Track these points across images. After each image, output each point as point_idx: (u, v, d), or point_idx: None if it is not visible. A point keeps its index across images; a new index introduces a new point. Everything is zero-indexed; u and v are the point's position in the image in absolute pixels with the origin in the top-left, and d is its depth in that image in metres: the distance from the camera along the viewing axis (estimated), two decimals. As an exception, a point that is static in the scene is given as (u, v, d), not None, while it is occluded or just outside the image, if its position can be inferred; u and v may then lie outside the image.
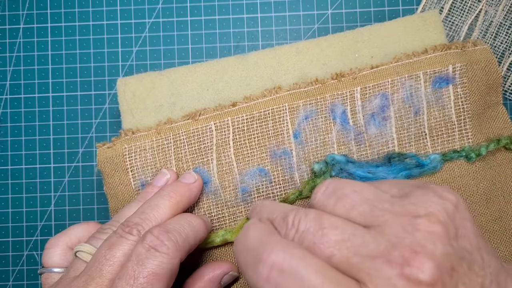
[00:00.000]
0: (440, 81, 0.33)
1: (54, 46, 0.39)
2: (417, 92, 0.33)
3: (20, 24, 0.39)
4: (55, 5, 0.39)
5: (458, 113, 0.34)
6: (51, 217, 0.38)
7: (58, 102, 0.39)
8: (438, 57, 0.34)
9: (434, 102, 0.34)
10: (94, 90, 0.39)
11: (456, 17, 0.37)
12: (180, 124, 0.34)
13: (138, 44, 0.39)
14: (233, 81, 0.35)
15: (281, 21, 0.39)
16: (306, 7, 0.39)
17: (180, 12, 0.39)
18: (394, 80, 0.33)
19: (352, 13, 0.39)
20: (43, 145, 0.39)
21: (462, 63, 0.33)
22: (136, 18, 0.39)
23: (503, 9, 0.37)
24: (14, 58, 0.39)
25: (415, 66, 0.34)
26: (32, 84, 0.39)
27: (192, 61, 0.39)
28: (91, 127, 0.39)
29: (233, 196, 0.34)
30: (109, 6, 0.39)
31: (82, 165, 0.39)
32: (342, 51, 0.35)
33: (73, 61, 0.39)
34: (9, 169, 0.39)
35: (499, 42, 0.37)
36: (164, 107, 0.35)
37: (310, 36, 0.39)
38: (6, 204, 0.39)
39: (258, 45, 0.39)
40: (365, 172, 0.33)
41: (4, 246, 0.39)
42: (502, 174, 0.34)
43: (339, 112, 0.34)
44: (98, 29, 0.39)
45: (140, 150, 0.34)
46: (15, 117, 0.39)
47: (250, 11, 0.39)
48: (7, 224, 0.39)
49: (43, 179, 0.39)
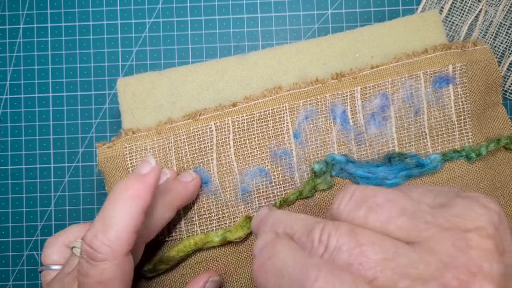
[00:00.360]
0: (440, 81, 0.33)
1: (54, 46, 0.39)
2: (417, 92, 0.34)
3: (20, 24, 0.39)
4: (55, 5, 0.39)
5: (458, 113, 0.34)
6: (51, 217, 0.38)
7: (58, 102, 0.39)
8: (438, 57, 0.34)
9: (434, 102, 0.34)
10: (94, 90, 0.39)
11: (456, 17, 0.38)
12: (180, 124, 0.34)
13: (138, 44, 0.39)
14: (233, 81, 0.35)
15: (281, 21, 0.39)
16: (306, 7, 0.39)
17: (180, 12, 0.39)
18: (394, 80, 0.33)
19: (352, 13, 0.39)
20: (43, 145, 0.39)
21: (462, 63, 0.33)
22: (136, 18, 0.39)
23: (503, 9, 0.37)
24: (14, 58, 0.39)
25: (415, 66, 0.34)
26: (32, 84, 0.39)
27: (192, 61, 0.39)
28: (91, 127, 0.39)
29: (233, 196, 0.34)
30: (109, 6, 0.39)
31: (82, 165, 0.39)
32: (342, 51, 0.35)
33: (73, 61, 0.39)
34: (9, 169, 0.39)
35: (499, 42, 0.37)
36: (164, 107, 0.35)
37: (310, 36, 0.39)
38: (6, 204, 0.39)
39: (258, 45, 0.39)
40: (365, 172, 0.33)
41: (4, 246, 0.39)
42: (502, 174, 0.34)
43: (339, 112, 0.34)
44: (98, 29, 0.39)
45: (141, 149, 0.34)
46: (15, 117, 0.39)
47: (250, 11, 0.39)
48: (7, 224, 0.39)
49: (43, 179, 0.39)
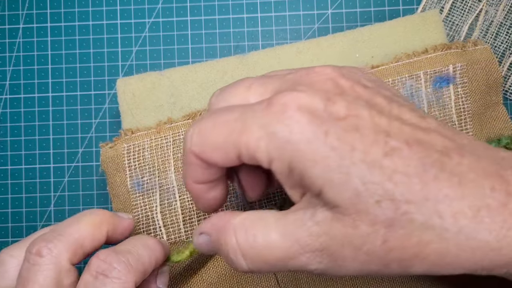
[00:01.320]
0: (441, 81, 0.33)
1: (54, 46, 0.39)
2: (417, 92, 0.33)
3: (20, 24, 0.39)
4: (55, 5, 0.39)
5: (458, 113, 0.34)
6: (51, 217, 0.38)
7: (58, 102, 0.39)
8: (439, 57, 0.34)
9: (435, 102, 0.33)
10: (94, 90, 0.39)
11: (457, 17, 0.37)
12: (180, 124, 0.34)
13: (138, 44, 0.39)
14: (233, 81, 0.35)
15: (281, 21, 0.39)
16: (306, 7, 0.39)
17: (180, 12, 0.39)
18: (394, 80, 0.33)
19: (352, 13, 0.39)
20: (42, 145, 0.39)
21: (462, 62, 0.33)
22: (136, 18, 0.39)
23: (503, 9, 0.37)
24: (13, 58, 0.39)
25: (416, 66, 0.33)
26: (31, 84, 0.39)
27: (192, 61, 0.39)
28: (91, 127, 0.39)
29: (233, 195, 0.33)
30: (109, 6, 0.39)
31: (82, 165, 0.38)
32: (343, 51, 0.35)
33: (73, 61, 0.39)
34: (8, 169, 0.39)
35: (500, 42, 0.37)
36: (164, 107, 0.35)
37: (310, 36, 0.39)
38: (6, 204, 0.39)
39: (258, 45, 0.39)
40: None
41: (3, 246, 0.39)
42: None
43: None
44: (98, 29, 0.39)
45: (139, 149, 0.34)
46: (15, 117, 0.39)
47: (250, 10, 0.39)
48: (6, 224, 0.39)
49: (42, 179, 0.39)
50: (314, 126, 0.20)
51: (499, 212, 0.19)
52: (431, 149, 0.20)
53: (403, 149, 0.20)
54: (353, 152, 0.19)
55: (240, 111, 0.22)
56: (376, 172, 0.19)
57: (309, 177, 0.20)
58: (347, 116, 0.20)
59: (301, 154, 0.20)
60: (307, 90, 0.21)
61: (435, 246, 0.19)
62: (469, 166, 0.20)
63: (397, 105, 0.22)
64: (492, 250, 0.19)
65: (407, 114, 0.21)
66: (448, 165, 0.20)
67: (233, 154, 0.22)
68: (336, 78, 0.22)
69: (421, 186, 0.19)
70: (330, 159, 0.19)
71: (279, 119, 0.20)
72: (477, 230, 0.19)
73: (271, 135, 0.20)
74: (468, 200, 0.19)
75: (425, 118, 0.22)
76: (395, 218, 0.19)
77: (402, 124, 0.21)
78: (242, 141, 0.21)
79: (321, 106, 0.20)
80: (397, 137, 0.20)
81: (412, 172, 0.19)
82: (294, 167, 0.20)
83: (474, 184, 0.20)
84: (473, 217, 0.19)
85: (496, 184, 0.20)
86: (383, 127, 0.20)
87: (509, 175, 0.20)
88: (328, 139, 0.20)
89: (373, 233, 0.19)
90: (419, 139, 0.20)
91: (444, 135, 0.21)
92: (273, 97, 0.21)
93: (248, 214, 0.23)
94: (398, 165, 0.19)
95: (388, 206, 0.19)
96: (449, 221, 0.19)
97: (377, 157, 0.19)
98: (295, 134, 0.20)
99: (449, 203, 0.19)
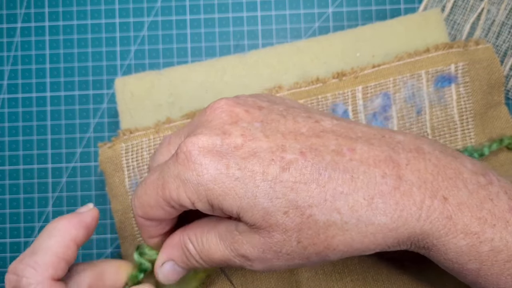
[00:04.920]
0: (442, 80, 0.33)
1: (52, 45, 0.39)
2: (419, 92, 0.33)
3: (18, 23, 0.39)
4: (53, 4, 0.39)
5: (460, 112, 0.33)
6: (49, 218, 0.38)
7: (56, 101, 0.39)
8: (440, 56, 0.33)
9: (436, 101, 0.33)
10: (92, 89, 0.39)
11: (458, 15, 0.37)
12: (179, 124, 0.34)
13: (137, 43, 0.39)
14: (233, 81, 0.35)
15: (281, 20, 0.38)
16: (307, 6, 0.39)
17: (179, 11, 0.39)
18: (396, 79, 0.33)
19: (353, 12, 0.38)
20: (40, 145, 0.38)
21: (464, 62, 0.33)
22: (135, 17, 0.39)
23: (505, 8, 0.37)
24: (11, 58, 0.39)
25: (417, 65, 0.33)
26: (29, 83, 0.39)
27: (191, 60, 0.38)
28: (89, 127, 0.38)
29: None
30: (107, 5, 0.39)
31: (80, 166, 0.38)
32: (343, 50, 0.35)
33: (71, 60, 0.39)
34: (6, 170, 0.39)
35: (502, 41, 0.37)
36: (163, 107, 0.35)
37: (311, 35, 0.38)
38: (4, 204, 0.38)
39: (258, 44, 0.38)
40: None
41: (1, 247, 0.38)
42: (504, 174, 0.34)
43: (341, 112, 0.33)
44: (96, 28, 0.39)
45: (137, 148, 0.34)
46: (13, 117, 0.39)
47: (250, 9, 0.39)
48: (4, 225, 0.38)
49: (40, 180, 0.38)
50: (216, 163, 0.22)
51: (391, 195, 0.22)
52: (324, 152, 0.23)
53: (298, 160, 0.22)
54: (254, 176, 0.22)
55: (159, 170, 0.25)
56: (278, 187, 0.22)
57: (226, 208, 0.23)
58: (244, 143, 0.23)
59: (212, 191, 0.22)
60: (204, 130, 0.23)
61: (341, 238, 0.22)
62: (360, 159, 0.23)
63: (292, 117, 0.24)
64: (390, 230, 0.22)
65: (302, 123, 0.24)
66: (340, 164, 0.22)
67: (167, 207, 0.24)
68: (230, 108, 0.24)
69: (319, 190, 0.22)
70: (236, 189, 0.22)
71: (186, 166, 0.23)
72: (374, 216, 0.22)
73: (185, 182, 0.23)
74: (362, 191, 0.22)
75: (320, 121, 0.24)
76: (302, 222, 0.22)
77: (296, 135, 0.23)
78: (166, 194, 0.24)
79: (219, 141, 0.23)
80: (292, 150, 0.22)
81: (309, 179, 0.22)
82: (212, 203, 0.23)
83: (366, 175, 0.22)
84: (368, 206, 0.22)
85: (387, 169, 0.22)
86: (278, 143, 0.23)
87: (401, 159, 0.23)
88: (230, 171, 0.22)
89: (287, 238, 0.22)
90: (312, 145, 0.23)
91: (339, 133, 0.24)
92: (178, 148, 0.24)
93: (193, 224, 0.26)
94: (296, 176, 0.22)
95: (294, 214, 0.22)
96: (347, 215, 0.22)
97: (276, 174, 0.22)
98: (202, 176, 0.22)
99: (345, 198, 0.22)
